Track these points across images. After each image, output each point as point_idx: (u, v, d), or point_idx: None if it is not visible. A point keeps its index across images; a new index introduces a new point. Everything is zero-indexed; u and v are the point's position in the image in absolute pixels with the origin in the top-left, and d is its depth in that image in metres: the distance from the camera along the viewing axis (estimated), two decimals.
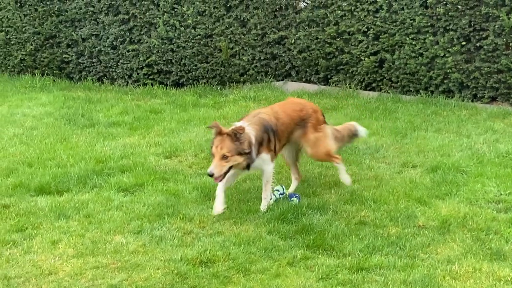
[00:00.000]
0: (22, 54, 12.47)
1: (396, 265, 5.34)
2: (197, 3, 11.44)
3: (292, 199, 6.57)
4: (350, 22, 10.73)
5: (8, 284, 5.11)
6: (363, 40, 10.73)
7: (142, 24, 11.85)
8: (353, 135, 7.20)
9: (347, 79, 10.95)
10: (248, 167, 6.22)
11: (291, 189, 6.85)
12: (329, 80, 11.12)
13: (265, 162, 6.40)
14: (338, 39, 10.88)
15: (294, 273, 5.26)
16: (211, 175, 5.96)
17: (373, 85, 10.85)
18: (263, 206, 6.40)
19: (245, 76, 11.58)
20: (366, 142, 8.40)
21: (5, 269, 5.33)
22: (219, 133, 6.04)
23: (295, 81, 11.27)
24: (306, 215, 6.24)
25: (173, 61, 11.83)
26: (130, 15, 11.86)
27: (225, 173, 6.04)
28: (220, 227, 6.10)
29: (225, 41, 11.46)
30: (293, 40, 11.13)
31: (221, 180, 6.05)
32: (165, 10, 11.64)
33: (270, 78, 11.41)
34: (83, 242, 5.78)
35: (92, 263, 5.40)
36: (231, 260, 5.44)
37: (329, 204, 6.52)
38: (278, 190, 6.69)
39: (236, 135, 5.98)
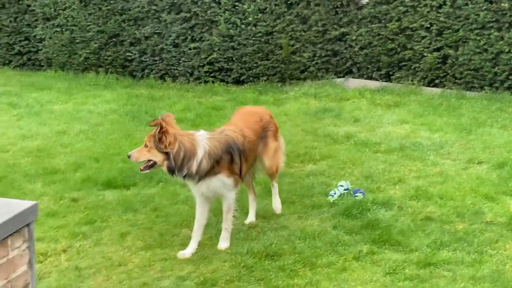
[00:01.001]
0: (86, 53, 12.69)
1: (464, 260, 5.29)
2: (258, 0, 11.48)
3: (356, 194, 6.56)
4: (413, 18, 10.64)
5: (79, 275, 5.22)
6: (426, 36, 10.62)
7: (204, 22, 11.94)
8: None
9: (410, 76, 10.86)
10: (170, 171, 5.43)
11: (251, 212, 6.21)
12: (391, 77, 11.04)
13: (226, 186, 5.64)
14: (401, 35, 10.79)
15: (360, 267, 5.26)
16: (128, 156, 5.53)
17: (436, 81, 10.73)
18: (222, 241, 5.69)
19: (305, 73, 11.57)
20: (430, 138, 8.34)
21: (76, 260, 5.45)
22: (157, 124, 5.44)
23: (356, 78, 11.22)
24: (371, 210, 6.22)
25: (234, 58, 11.89)
26: (191, 13, 11.96)
27: (148, 166, 5.44)
28: (285, 221, 6.13)
29: (285, 38, 11.47)
30: (354, 37, 11.08)
31: (142, 171, 5.52)
32: (226, 8, 11.71)
33: (331, 75, 11.37)
34: (151, 234, 5.87)
35: (160, 255, 5.49)
36: (297, 254, 5.47)
37: (394, 200, 6.48)
38: (342, 185, 6.69)
39: (156, 130, 5.37)
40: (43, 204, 6.44)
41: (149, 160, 5.43)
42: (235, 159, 5.65)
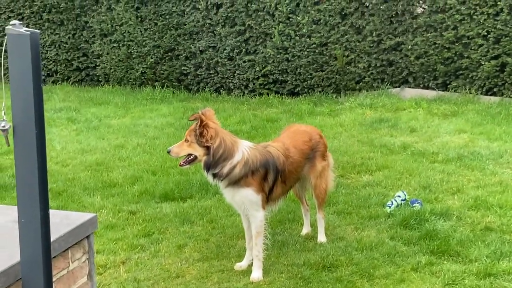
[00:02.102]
0: (143, 67, 12.88)
1: None
2: (312, 12, 11.49)
3: (414, 205, 6.49)
4: (469, 26, 10.51)
5: (138, 286, 5.28)
6: (483, 44, 10.48)
7: (258, 35, 12.00)
8: None
9: (467, 84, 10.71)
10: (207, 167, 5.27)
11: (305, 224, 6.16)
12: (448, 86, 10.91)
13: (252, 203, 5.34)
14: (457, 44, 10.66)
15: (419, 278, 5.19)
16: (168, 152, 5.40)
17: (495, 89, 10.56)
18: (254, 270, 5.36)
19: (361, 83, 11.53)
20: (489, 147, 8.21)
21: (134, 272, 5.51)
22: (196, 119, 5.31)
23: (412, 88, 11.12)
24: (429, 221, 6.14)
25: (288, 70, 11.91)
26: (246, 26, 12.04)
27: (187, 161, 5.32)
28: (341, 232, 6.10)
29: (340, 49, 11.45)
30: (410, 46, 10.99)
31: (182, 166, 5.41)
32: (280, 20, 11.75)
33: (386, 85, 11.30)
34: (208, 246, 5.91)
35: (217, 266, 5.51)
36: (354, 265, 5.43)
37: (452, 210, 6.39)
38: (399, 196, 6.62)
39: (197, 124, 5.23)
40: (102, 217, 6.54)
41: (189, 155, 5.31)
42: (269, 178, 5.41)
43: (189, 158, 5.33)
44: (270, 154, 5.45)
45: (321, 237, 5.97)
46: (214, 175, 5.32)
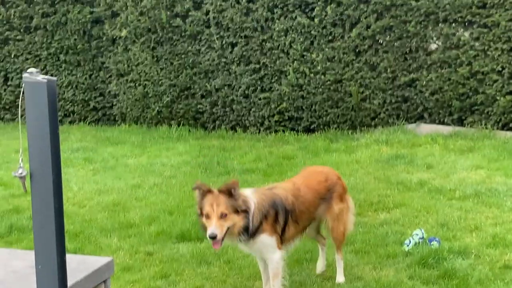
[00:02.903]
0: (159, 106, 12.96)
1: None
2: (326, 49, 11.56)
3: (432, 243, 6.44)
4: (484, 62, 10.52)
5: None
6: (498, 80, 10.47)
7: (273, 73, 12.07)
8: None
9: (483, 120, 10.69)
10: (246, 230, 5.11)
11: (320, 259, 6.10)
12: (464, 121, 10.90)
13: (268, 247, 5.25)
14: (472, 79, 10.67)
15: None
16: (213, 237, 4.93)
17: (510, 125, 10.52)
18: None
19: (376, 119, 11.53)
20: (506, 183, 8.16)
21: None
22: (209, 192, 5.06)
23: (428, 123, 11.12)
24: (447, 259, 6.08)
25: (303, 107, 11.95)
26: (261, 64, 12.12)
27: (223, 238, 5.03)
28: (359, 272, 6.05)
29: (355, 85, 11.48)
30: (424, 82, 11.01)
31: (219, 247, 5.07)
32: (295, 58, 11.82)
33: (402, 121, 11.30)
34: (225, 287, 5.88)
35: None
36: None
37: (471, 248, 6.34)
38: (417, 234, 6.57)
39: (230, 191, 5.01)
40: (119, 258, 6.54)
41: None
42: (279, 218, 5.27)
43: (224, 234, 5.03)
44: (276, 195, 5.35)
45: (340, 278, 5.89)
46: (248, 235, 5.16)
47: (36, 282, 3.11)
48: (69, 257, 3.29)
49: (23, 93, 3.05)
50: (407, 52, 11.15)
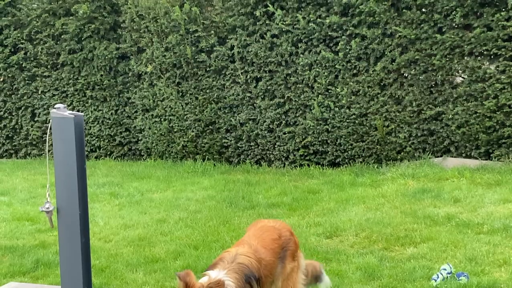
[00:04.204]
0: (184, 141, 13.02)
1: None
2: (351, 83, 11.56)
3: (460, 278, 6.35)
4: (510, 95, 10.45)
5: None
6: None
7: (297, 107, 12.09)
8: (317, 276, 5.82)
9: (510, 153, 10.59)
10: None
11: None
12: (491, 155, 10.80)
13: None
14: (498, 113, 10.59)
15: None
16: None
17: None
18: None
19: (402, 153, 11.47)
20: None
21: None
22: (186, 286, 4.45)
23: (454, 157, 11.03)
24: None
25: (328, 141, 11.93)
26: (285, 98, 12.15)
27: None
28: None
29: (380, 119, 11.45)
30: (450, 116, 10.95)
31: None
32: (319, 92, 11.84)
33: (428, 154, 11.23)
34: None
35: None
36: None
37: (500, 283, 6.24)
38: (445, 269, 6.49)
39: None
40: None
41: None
42: None
43: None
44: (245, 266, 4.74)
45: None
46: None
47: None
48: None
49: (50, 128, 3.07)
50: (433, 85, 11.12)
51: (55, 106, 3.03)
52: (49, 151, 3.10)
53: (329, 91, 11.78)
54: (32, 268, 7.36)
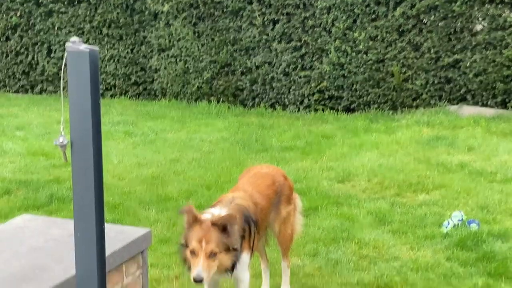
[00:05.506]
0: (199, 82, 12.98)
1: None
2: (369, 28, 11.44)
3: (471, 225, 6.37)
4: None
5: None
6: None
7: (314, 51, 11.99)
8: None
9: None
10: (232, 268, 4.36)
11: (265, 282, 5.39)
12: (508, 104, 10.71)
13: (243, 267, 4.52)
14: None
15: None
16: (199, 281, 4.10)
17: None
18: None
19: (418, 100, 11.40)
20: None
21: (188, 287, 5.53)
22: (198, 221, 4.27)
23: (470, 105, 10.96)
24: (486, 242, 6.02)
25: (344, 86, 11.87)
26: (302, 42, 12.04)
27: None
28: (396, 252, 6.01)
29: (397, 65, 11.35)
30: (468, 63, 10.84)
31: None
32: (336, 36, 11.72)
33: (444, 102, 11.16)
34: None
35: (270, 282, 5.49)
36: (409, 286, 5.35)
37: (511, 232, 6.25)
38: (456, 216, 6.50)
39: (225, 227, 4.23)
40: (156, 230, 6.58)
41: None
42: (251, 231, 4.63)
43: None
44: (243, 207, 4.64)
45: None
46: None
47: (74, 250, 3.14)
48: (108, 226, 3.32)
49: (65, 62, 3.05)
50: (452, 32, 10.98)
51: (70, 40, 3.00)
52: (64, 88, 3.09)
53: (347, 35, 11.67)
54: (46, 203, 7.44)
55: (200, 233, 4.18)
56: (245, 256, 4.53)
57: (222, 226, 4.21)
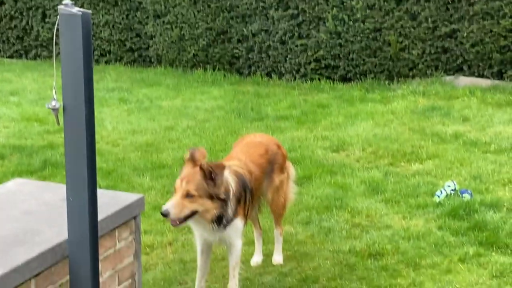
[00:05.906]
0: (195, 50, 12.91)
1: None
2: None
3: (464, 195, 6.40)
4: None
5: (184, 268, 5.35)
6: None
7: (311, 19, 11.92)
8: None
9: None
10: (219, 221, 4.47)
11: (257, 250, 5.43)
12: (504, 75, 10.69)
13: (237, 233, 4.66)
14: None
15: (465, 269, 5.14)
16: (165, 215, 4.29)
17: None
18: None
19: (414, 70, 11.36)
20: None
21: (181, 253, 5.58)
22: (190, 162, 4.48)
23: (467, 76, 10.93)
24: (478, 212, 6.06)
25: (341, 55, 11.82)
26: (299, 10, 11.96)
27: (185, 218, 4.37)
28: (388, 221, 6.05)
29: (394, 35, 11.30)
30: (465, 34, 10.79)
31: (177, 226, 4.47)
32: (334, 4, 11.64)
33: (440, 72, 11.13)
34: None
35: (263, 250, 5.52)
36: (400, 254, 5.40)
37: (503, 202, 6.29)
38: (449, 186, 6.53)
39: (210, 173, 4.33)
40: (150, 197, 6.60)
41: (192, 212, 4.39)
42: (247, 199, 4.71)
43: (188, 214, 4.38)
44: (239, 173, 4.70)
45: (277, 257, 5.39)
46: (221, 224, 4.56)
47: (66, 214, 3.15)
48: (100, 192, 3.33)
49: (58, 25, 3.03)
50: (449, 2, 10.90)
51: (62, 3, 2.98)
52: (57, 54, 3.08)
53: (344, 3, 11.59)
54: (40, 168, 7.45)
55: (185, 172, 4.41)
56: (239, 222, 4.66)
57: (209, 173, 4.33)
